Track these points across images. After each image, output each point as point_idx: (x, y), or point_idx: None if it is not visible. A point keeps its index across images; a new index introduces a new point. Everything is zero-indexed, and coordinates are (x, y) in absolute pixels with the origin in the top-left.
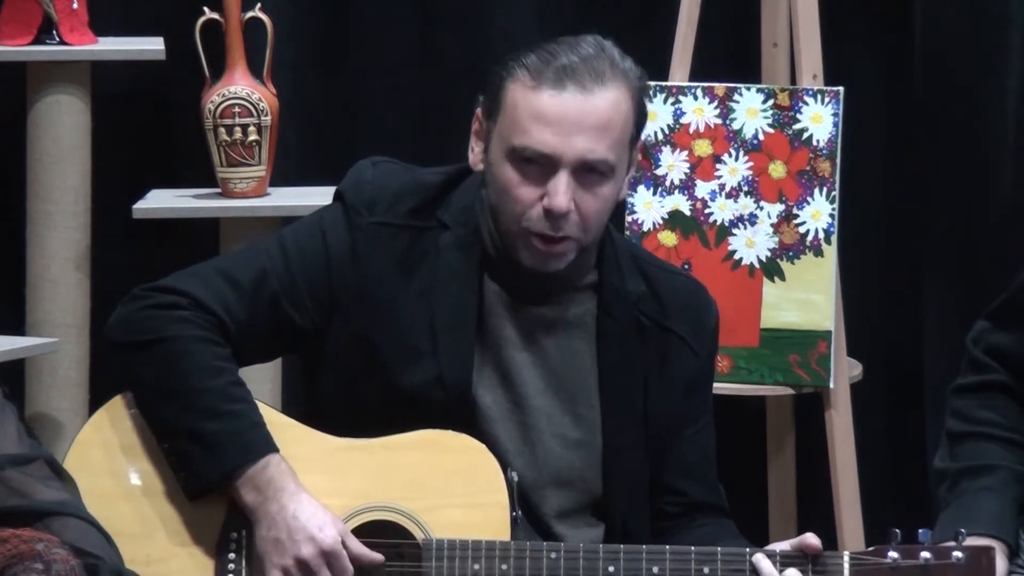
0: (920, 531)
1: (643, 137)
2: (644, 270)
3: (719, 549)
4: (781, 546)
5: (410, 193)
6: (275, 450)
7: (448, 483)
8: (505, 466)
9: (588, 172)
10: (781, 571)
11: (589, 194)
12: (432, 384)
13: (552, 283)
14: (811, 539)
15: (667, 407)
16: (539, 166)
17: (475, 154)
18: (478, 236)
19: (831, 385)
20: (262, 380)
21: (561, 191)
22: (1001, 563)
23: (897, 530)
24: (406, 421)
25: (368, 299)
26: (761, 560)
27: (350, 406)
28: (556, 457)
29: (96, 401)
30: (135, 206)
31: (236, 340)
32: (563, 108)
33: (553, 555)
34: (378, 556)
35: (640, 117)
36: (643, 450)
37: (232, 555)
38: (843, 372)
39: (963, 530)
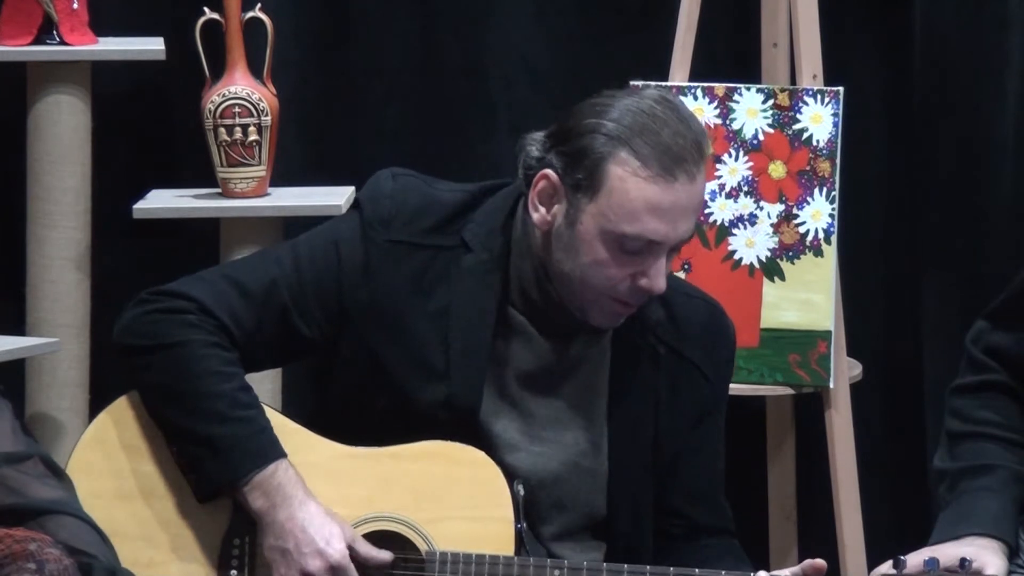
0: (925, 559)
1: None
2: (663, 294)
3: (723, 573)
4: (783, 573)
5: (430, 210)
6: (283, 455)
7: (454, 495)
8: (511, 479)
9: (676, 248)
10: None
11: (669, 264)
12: (440, 406)
13: (581, 329)
14: (817, 562)
15: (676, 435)
16: (640, 249)
17: (541, 214)
18: (503, 263)
19: (831, 385)
20: (262, 381)
21: (661, 273)
22: (1001, 563)
23: (903, 557)
24: (414, 437)
25: (379, 314)
26: None
27: (358, 417)
28: (563, 483)
29: (96, 401)
30: (135, 206)
31: (242, 347)
32: (676, 199)
33: (557, 572)
34: (387, 554)
35: None
36: (649, 476)
37: (235, 561)
38: (843, 372)
39: (969, 559)
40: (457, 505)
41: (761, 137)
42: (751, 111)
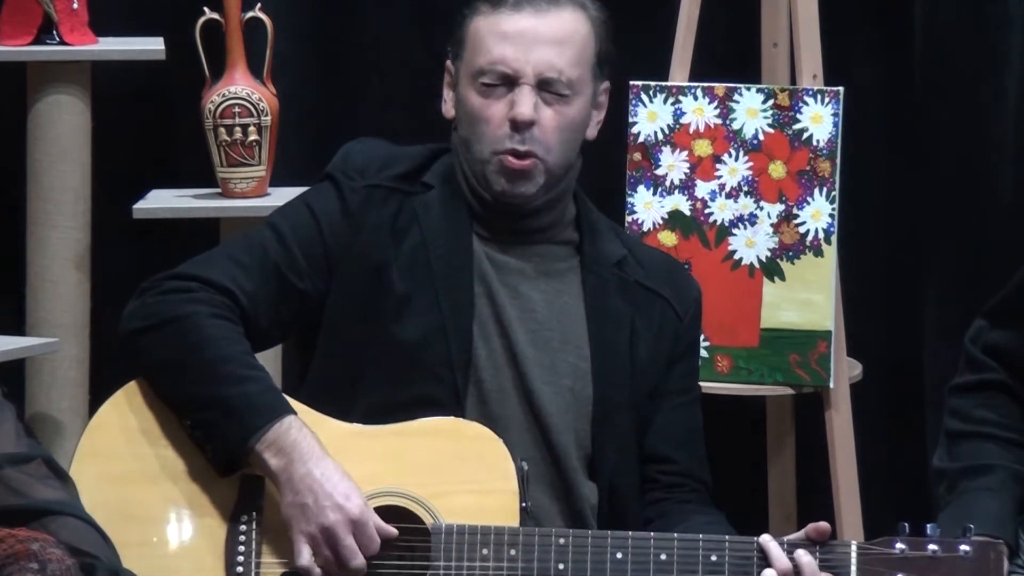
0: (928, 525)
1: (643, 136)
2: (623, 239)
3: (727, 537)
4: (788, 537)
5: (397, 160)
6: (293, 412)
7: (459, 470)
8: (516, 456)
9: (550, 89)
10: (790, 552)
11: (551, 110)
12: (434, 334)
13: (531, 229)
14: (821, 524)
15: (653, 367)
16: (504, 87)
17: (447, 103)
18: (460, 192)
19: (831, 385)
20: (262, 361)
21: (524, 101)
22: None
23: (905, 524)
24: (410, 378)
25: (363, 256)
26: (769, 541)
27: (352, 372)
28: (551, 403)
29: (96, 401)
30: (135, 206)
31: (250, 315)
32: (520, 25)
33: (561, 541)
34: (393, 530)
35: (602, 47)
36: (631, 408)
37: (243, 536)
38: (843, 372)
39: (971, 525)
40: (462, 479)
41: (761, 137)
42: (751, 111)
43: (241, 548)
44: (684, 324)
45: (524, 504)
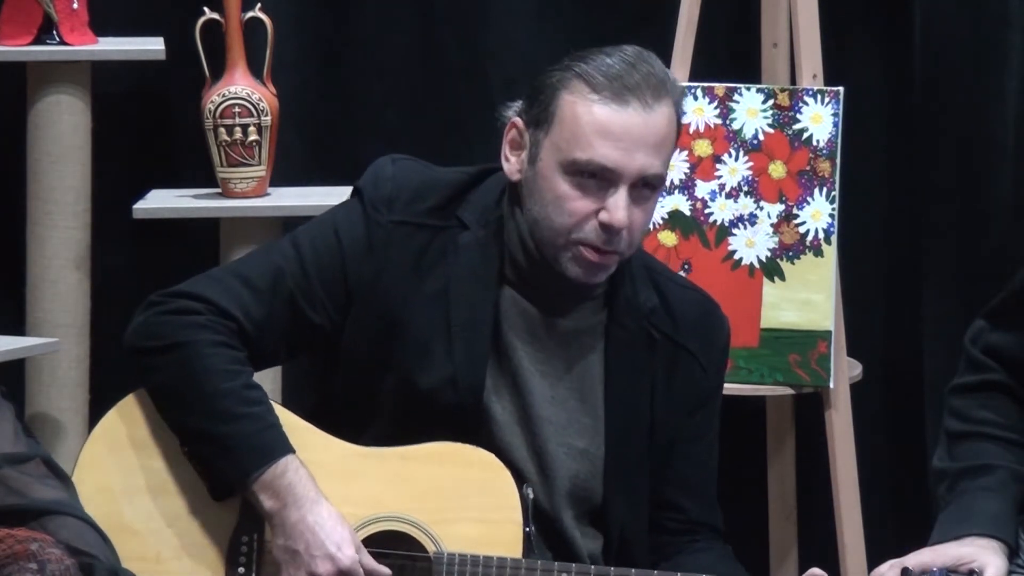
0: (935, 570)
1: None
2: (657, 283)
3: None
4: None
5: (430, 191)
6: (291, 451)
7: (463, 497)
8: (521, 482)
9: (642, 187)
10: None
11: (639, 208)
12: (445, 386)
13: (570, 293)
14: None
15: (672, 421)
16: (597, 180)
17: (511, 164)
18: (498, 239)
19: (831, 385)
20: (262, 379)
21: (622, 206)
22: (1001, 563)
23: (910, 567)
24: (418, 422)
25: (383, 295)
26: None
27: (362, 406)
28: (561, 466)
29: (96, 401)
30: (135, 206)
31: (255, 341)
32: (627, 124)
33: (564, 575)
34: (386, 571)
35: (679, 129)
36: (645, 462)
37: (243, 559)
38: (843, 372)
39: (977, 570)
40: (466, 507)
41: (761, 137)
42: (751, 111)
43: (241, 571)
44: (709, 375)
45: (527, 529)
